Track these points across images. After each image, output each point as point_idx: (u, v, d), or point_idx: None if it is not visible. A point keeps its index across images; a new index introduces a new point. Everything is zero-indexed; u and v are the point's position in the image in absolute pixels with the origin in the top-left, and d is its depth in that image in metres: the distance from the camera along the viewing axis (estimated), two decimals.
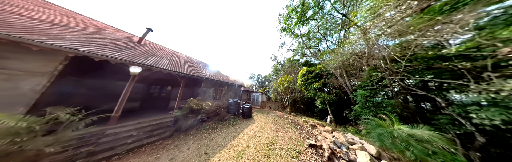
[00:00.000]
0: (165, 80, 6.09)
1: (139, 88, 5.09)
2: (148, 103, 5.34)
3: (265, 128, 4.07)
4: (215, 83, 7.02)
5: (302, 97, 10.34)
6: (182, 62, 6.37)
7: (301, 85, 6.19)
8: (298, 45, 13.55)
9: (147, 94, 5.49)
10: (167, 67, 4.35)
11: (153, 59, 4.38)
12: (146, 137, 3.09)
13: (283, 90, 6.76)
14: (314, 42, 12.10)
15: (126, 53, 3.68)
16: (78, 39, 2.95)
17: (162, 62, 4.72)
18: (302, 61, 14.07)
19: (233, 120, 5.46)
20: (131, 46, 4.57)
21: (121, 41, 4.56)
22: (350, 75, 7.32)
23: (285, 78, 6.88)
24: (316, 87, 5.07)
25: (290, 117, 6.11)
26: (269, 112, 7.77)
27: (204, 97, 6.21)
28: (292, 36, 12.36)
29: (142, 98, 5.11)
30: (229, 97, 8.34)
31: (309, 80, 5.71)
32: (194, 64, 7.71)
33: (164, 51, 6.85)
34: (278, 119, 5.47)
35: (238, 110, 6.31)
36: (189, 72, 5.26)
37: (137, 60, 3.54)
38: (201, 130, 4.06)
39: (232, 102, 6.18)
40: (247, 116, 5.90)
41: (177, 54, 7.92)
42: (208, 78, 6.05)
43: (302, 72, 6.29)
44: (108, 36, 4.43)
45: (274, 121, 5.00)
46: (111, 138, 2.68)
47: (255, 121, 5.25)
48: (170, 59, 5.72)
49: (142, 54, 4.36)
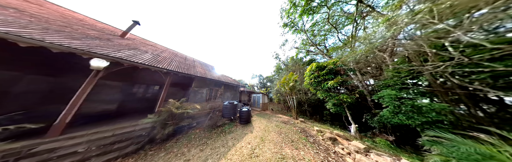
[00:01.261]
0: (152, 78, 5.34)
1: (117, 87, 4.33)
2: (129, 105, 4.54)
3: (266, 140, 3.06)
4: (210, 82, 6.17)
5: (308, 98, 9.17)
6: (172, 59, 5.62)
7: (310, 83, 5.12)
8: (302, 43, 12.52)
9: (128, 94, 4.71)
10: (148, 62, 3.56)
11: (129, 53, 3.60)
12: (97, 155, 2.22)
13: (288, 89, 5.75)
14: (320, 38, 11.01)
15: (90, 43, 2.92)
16: (5, 19, 2.20)
17: (143, 56, 3.95)
18: (307, 60, 12.96)
19: (227, 126, 4.51)
20: (106, 38, 3.86)
21: (94, 32, 3.87)
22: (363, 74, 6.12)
23: (290, 76, 5.87)
24: (331, 86, 3.97)
25: (297, 123, 5.03)
26: (272, 115, 6.73)
27: (195, 98, 5.35)
28: (295, 32, 11.37)
29: (121, 99, 4.33)
30: (227, 98, 7.43)
31: (321, 77, 4.63)
32: (188, 62, 6.96)
33: (153, 47, 6.17)
34: (282, 126, 4.43)
35: (234, 113, 5.36)
36: (175, 69, 4.45)
37: (102, 51, 2.75)
38: (182, 141, 3.14)
39: (228, 104, 5.25)
40: (244, 121, 4.92)
41: (170, 52, 7.23)
42: (199, 77, 5.21)
43: (311, 68, 5.24)
44: (78, 25, 3.76)
45: (277, 129, 3.97)
46: (36, 159, 1.83)
47: (254, 128, 4.25)
48: (157, 55, 4.97)
49: (117, 46, 3.61)
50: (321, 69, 4.88)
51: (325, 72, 4.46)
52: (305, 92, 9.56)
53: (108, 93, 4.07)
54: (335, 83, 3.94)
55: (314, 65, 4.98)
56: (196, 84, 5.48)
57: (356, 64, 4.96)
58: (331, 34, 10.20)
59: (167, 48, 7.87)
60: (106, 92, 4.04)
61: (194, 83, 5.38)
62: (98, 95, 3.80)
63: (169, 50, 7.51)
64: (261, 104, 8.14)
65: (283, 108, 10.93)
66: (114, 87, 4.25)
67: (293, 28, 11.14)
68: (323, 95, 4.54)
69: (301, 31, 10.84)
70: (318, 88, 5.14)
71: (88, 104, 3.62)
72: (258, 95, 8.59)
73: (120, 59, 2.89)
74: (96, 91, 3.82)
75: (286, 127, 4.26)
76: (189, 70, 5.30)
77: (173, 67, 4.44)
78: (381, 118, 4.47)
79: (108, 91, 4.07)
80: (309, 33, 10.64)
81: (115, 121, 3.37)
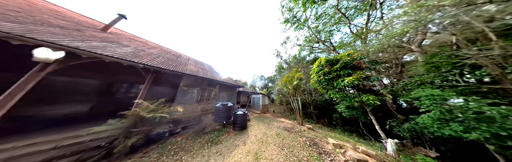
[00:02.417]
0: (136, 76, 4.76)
1: (91, 86, 3.74)
2: (106, 107, 3.93)
3: (261, 158, 2.20)
4: (203, 81, 5.48)
5: (314, 100, 8.13)
6: (159, 55, 5.03)
7: (319, 81, 4.19)
8: (305, 40, 11.61)
9: (106, 94, 4.12)
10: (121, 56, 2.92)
11: (97, 44, 3.00)
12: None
13: (291, 89, 4.86)
14: (326, 34, 10.03)
15: (40, 29, 2.33)
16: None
17: (118, 50, 3.35)
18: (310, 58, 11.95)
19: (217, 133, 3.71)
20: (75, 28, 3.32)
21: (64, 22, 3.36)
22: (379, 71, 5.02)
23: (293, 74, 4.99)
24: (348, 84, 2.95)
25: (303, 130, 4.09)
26: (272, 119, 5.82)
27: (184, 98, 4.65)
28: (297, 28, 10.52)
29: (95, 100, 3.73)
30: (222, 99, 6.69)
31: (332, 74, 3.66)
32: (181, 60, 6.38)
33: (142, 43, 5.67)
34: (285, 135, 3.53)
35: (228, 117, 4.55)
36: (160, 65, 3.80)
37: (51, 39, 2.14)
38: (151, 155, 2.39)
39: (220, 106, 4.47)
40: (239, 127, 4.10)
41: (162, 50, 6.73)
42: (188, 74, 4.53)
43: (319, 63, 4.33)
44: (45, 15, 3.26)
45: (278, 141, 3.07)
46: None
47: (249, 137, 3.40)
48: (141, 50, 4.39)
49: (83, 37, 3.04)
50: (332, 64, 3.95)
51: (338, 66, 3.48)
52: (310, 92, 8.54)
53: (78, 92, 3.48)
54: (356, 80, 2.95)
55: (323, 60, 4.07)
56: (185, 82, 4.81)
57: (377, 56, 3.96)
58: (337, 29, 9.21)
59: (160, 46, 7.40)
60: (75, 91, 3.45)
61: (182, 82, 4.71)
62: (63, 94, 3.22)
63: (162, 48, 7.02)
64: (261, 106, 7.27)
65: (285, 110, 9.94)
66: (86, 85, 3.67)
67: (295, 24, 10.32)
68: (337, 96, 3.55)
69: (304, 26, 9.98)
70: (328, 87, 4.20)
71: (48, 106, 3.03)
72: (258, 95, 7.74)
73: (72, 48, 2.26)
74: (60, 89, 3.25)
75: (290, 136, 3.35)
76: (177, 67, 4.65)
77: (156, 63, 3.80)
78: (415, 126, 3.42)
79: (78, 89, 3.49)
80: (313, 29, 9.75)
81: (83, 126, 2.73)
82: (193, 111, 4.94)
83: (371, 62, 3.31)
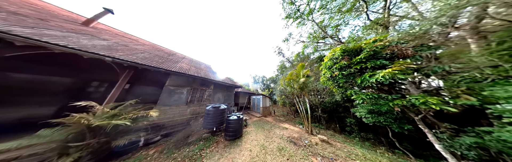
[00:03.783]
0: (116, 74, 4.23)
1: (60, 85, 3.22)
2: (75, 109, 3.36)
3: None
4: (194, 79, 4.81)
5: (322, 101, 6.96)
6: (145, 51, 4.49)
7: (332, 78, 3.23)
8: (308, 36, 10.62)
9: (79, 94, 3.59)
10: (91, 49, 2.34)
11: (61, 34, 2.46)
12: None
13: (297, 88, 3.95)
14: (332, 30, 8.98)
15: None
16: None
17: (89, 42, 2.80)
18: (315, 57, 10.84)
19: (201, 144, 2.92)
20: (39, 18, 2.85)
21: (29, 11, 2.92)
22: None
23: (298, 71, 4.10)
24: (385, 79, 1.85)
25: (315, 143, 3.12)
26: (274, 124, 4.91)
27: (170, 100, 3.98)
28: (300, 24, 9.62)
29: (65, 101, 3.19)
30: (218, 100, 5.95)
31: (353, 68, 2.64)
32: (172, 58, 5.84)
33: (129, 40, 5.22)
34: (291, 151, 2.61)
35: (220, 122, 3.76)
36: (137, 60, 3.19)
37: None
38: None
39: (211, 108, 3.70)
40: (231, 136, 3.28)
41: (154, 47, 6.28)
42: (173, 71, 3.88)
43: (332, 56, 3.40)
44: (8, 3, 2.84)
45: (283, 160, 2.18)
46: None
47: (242, 153, 2.54)
48: (123, 45, 3.87)
49: (43, 26, 2.52)
50: (351, 54, 3.01)
51: (364, 56, 2.47)
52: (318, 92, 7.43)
53: (41, 92, 2.95)
54: (399, 73, 1.84)
55: (338, 50, 3.14)
56: (172, 81, 4.16)
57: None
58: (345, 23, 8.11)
59: (154, 44, 7.00)
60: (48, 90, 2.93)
61: (169, 80, 4.06)
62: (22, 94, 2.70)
63: (154, 46, 6.59)
64: (262, 108, 6.38)
65: (289, 112, 8.88)
66: (52, 84, 3.14)
67: (298, 20, 9.45)
68: (362, 97, 2.50)
69: (308, 21, 9.05)
70: (346, 85, 3.23)
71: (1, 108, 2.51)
72: (258, 97, 6.88)
73: (12, 35, 1.67)
74: (18, 89, 2.72)
75: (298, 154, 2.41)
76: (162, 64, 4.04)
77: (134, 58, 3.20)
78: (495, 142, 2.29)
79: (42, 89, 2.97)
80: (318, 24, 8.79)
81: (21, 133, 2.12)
82: (181, 114, 4.24)
83: (422, 48, 2.23)
